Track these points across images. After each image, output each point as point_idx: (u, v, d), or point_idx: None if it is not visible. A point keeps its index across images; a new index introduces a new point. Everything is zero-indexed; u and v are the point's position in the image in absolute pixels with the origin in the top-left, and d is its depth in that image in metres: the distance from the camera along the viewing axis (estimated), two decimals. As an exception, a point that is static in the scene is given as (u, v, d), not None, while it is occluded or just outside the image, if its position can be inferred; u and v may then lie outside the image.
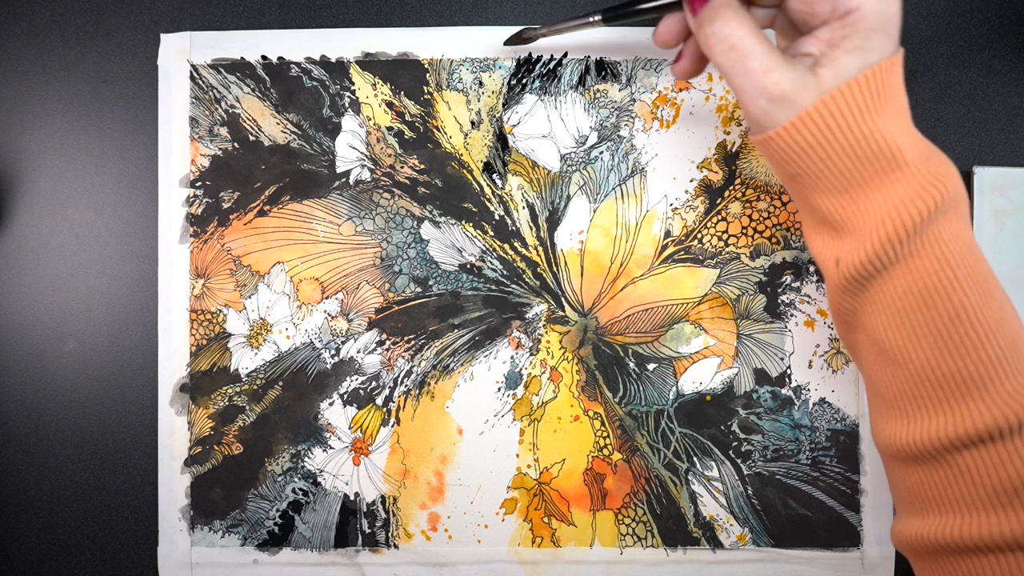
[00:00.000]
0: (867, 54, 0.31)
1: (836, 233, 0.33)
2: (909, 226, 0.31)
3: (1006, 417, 0.30)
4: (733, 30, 0.32)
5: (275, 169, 0.47)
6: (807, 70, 0.31)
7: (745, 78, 0.31)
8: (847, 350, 0.37)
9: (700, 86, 0.47)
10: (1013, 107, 0.48)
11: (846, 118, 0.31)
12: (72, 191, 0.47)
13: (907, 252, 0.31)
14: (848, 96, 0.31)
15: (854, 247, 0.32)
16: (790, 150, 0.32)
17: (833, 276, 0.33)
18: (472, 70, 0.47)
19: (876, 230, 0.31)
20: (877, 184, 0.31)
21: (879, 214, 0.31)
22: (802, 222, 0.36)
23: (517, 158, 0.47)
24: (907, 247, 0.31)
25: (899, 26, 0.31)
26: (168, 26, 0.48)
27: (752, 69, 0.31)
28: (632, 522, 0.47)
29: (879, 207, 0.31)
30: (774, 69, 0.31)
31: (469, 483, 0.47)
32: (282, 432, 0.47)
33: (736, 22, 0.32)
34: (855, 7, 0.30)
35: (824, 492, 0.46)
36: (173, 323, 0.47)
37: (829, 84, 0.31)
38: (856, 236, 0.32)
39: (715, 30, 0.32)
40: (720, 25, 0.32)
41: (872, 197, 0.31)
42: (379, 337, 0.47)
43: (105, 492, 0.47)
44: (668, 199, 0.47)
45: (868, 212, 0.31)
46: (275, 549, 0.47)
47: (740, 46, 0.31)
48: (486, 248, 0.47)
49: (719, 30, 0.32)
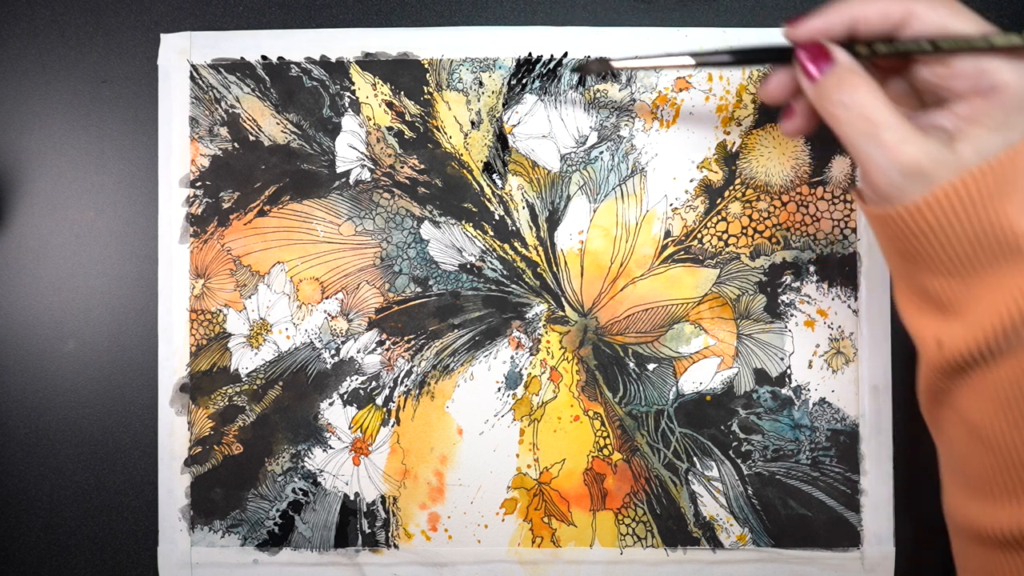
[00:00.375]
0: (1009, 132, 0.29)
1: (942, 314, 0.31)
2: (1022, 318, 0.29)
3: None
4: (863, 98, 0.30)
5: (275, 169, 0.47)
6: (943, 144, 0.29)
7: (877, 150, 0.30)
8: (927, 419, 0.35)
9: (700, 86, 0.47)
10: (1013, 107, 0.47)
11: (982, 199, 0.29)
12: (72, 191, 0.47)
13: (1019, 342, 0.29)
14: (989, 175, 0.29)
15: (962, 332, 0.30)
16: (915, 228, 0.30)
17: (934, 358, 0.32)
18: (472, 70, 0.47)
19: (989, 318, 0.29)
20: (995, 270, 0.30)
21: (994, 302, 0.29)
22: (898, 294, 0.34)
23: (517, 158, 0.47)
24: (1020, 337, 0.29)
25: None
26: (168, 26, 0.48)
27: (886, 142, 0.30)
28: (632, 522, 0.47)
29: (994, 294, 0.29)
30: (909, 141, 0.29)
31: (469, 483, 0.47)
32: (282, 432, 0.47)
33: (865, 89, 0.30)
34: (1002, 85, 0.29)
35: (824, 492, 0.46)
36: (173, 323, 0.47)
37: (970, 160, 0.29)
38: (965, 321, 0.30)
39: (843, 99, 0.30)
40: (849, 94, 0.30)
41: (988, 283, 0.30)
42: (379, 337, 0.47)
43: (105, 492, 0.47)
44: (668, 199, 0.47)
45: (981, 298, 0.30)
46: (275, 549, 0.47)
47: (873, 117, 0.30)
48: (486, 248, 0.47)
49: (847, 99, 0.30)
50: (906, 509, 0.47)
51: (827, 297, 0.46)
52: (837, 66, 0.31)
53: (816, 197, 0.46)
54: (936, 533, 0.47)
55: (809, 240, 0.46)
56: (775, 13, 0.48)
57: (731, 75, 0.47)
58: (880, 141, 0.30)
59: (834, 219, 0.46)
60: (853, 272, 0.46)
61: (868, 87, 0.30)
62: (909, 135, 0.29)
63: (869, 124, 0.30)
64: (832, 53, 0.32)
